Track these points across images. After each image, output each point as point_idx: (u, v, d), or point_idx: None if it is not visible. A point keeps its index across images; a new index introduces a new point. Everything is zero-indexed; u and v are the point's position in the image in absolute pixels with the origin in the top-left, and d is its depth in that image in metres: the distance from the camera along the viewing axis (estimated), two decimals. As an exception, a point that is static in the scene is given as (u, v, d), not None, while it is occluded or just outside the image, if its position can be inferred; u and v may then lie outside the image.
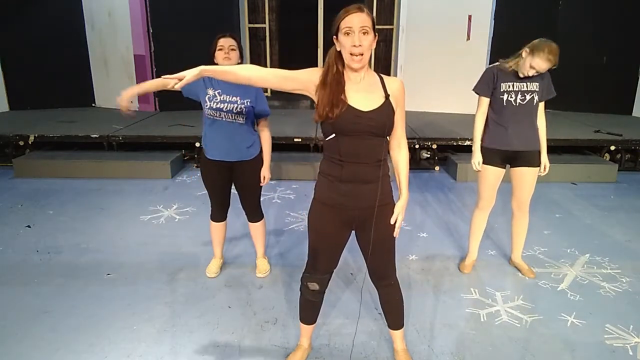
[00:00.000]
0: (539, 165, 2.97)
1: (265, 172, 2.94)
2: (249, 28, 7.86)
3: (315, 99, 1.85)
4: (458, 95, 7.24)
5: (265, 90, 5.89)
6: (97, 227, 3.97)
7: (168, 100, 7.24)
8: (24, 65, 7.13)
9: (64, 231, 3.87)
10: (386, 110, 1.83)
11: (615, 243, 3.77)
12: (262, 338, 2.51)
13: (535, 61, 2.68)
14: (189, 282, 3.08)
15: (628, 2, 6.98)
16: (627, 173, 5.71)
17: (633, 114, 7.35)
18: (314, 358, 2.36)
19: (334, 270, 2.12)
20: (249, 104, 2.75)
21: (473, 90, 3.00)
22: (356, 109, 1.79)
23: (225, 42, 2.74)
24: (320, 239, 2.01)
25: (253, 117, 2.84)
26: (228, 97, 2.73)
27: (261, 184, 2.97)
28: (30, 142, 5.68)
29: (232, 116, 2.75)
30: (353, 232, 2.05)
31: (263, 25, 7.87)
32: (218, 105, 2.72)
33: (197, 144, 5.71)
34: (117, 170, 5.37)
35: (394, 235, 1.99)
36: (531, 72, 2.73)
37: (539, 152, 2.96)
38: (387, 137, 1.89)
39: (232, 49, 2.75)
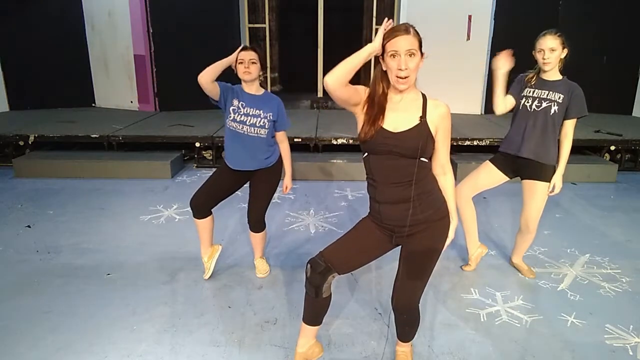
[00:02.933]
0: (549, 181, 2.85)
1: (287, 182, 3.02)
2: (249, 28, 7.86)
3: (359, 116, 1.86)
4: (458, 95, 7.25)
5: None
6: (97, 227, 3.97)
7: (168, 100, 7.25)
8: (24, 65, 7.13)
9: (64, 231, 3.87)
10: (418, 132, 1.78)
11: (615, 243, 3.77)
12: (262, 338, 2.51)
13: (539, 43, 2.72)
14: (189, 282, 3.08)
15: (628, 2, 6.98)
16: (627, 173, 5.71)
17: (633, 114, 7.35)
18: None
19: (337, 277, 2.04)
20: (271, 117, 2.79)
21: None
22: (386, 130, 1.79)
23: (246, 56, 2.72)
24: (355, 231, 2.02)
25: (273, 130, 2.87)
26: (251, 110, 2.76)
27: (283, 193, 3.05)
28: (30, 142, 5.68)
29: (254, 130, 2.77)
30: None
31: (263, 25, 7.87)
32: (241, 118, 2.75)
33: (197, 144, 5.71)
34: (117, 170, 5.37)
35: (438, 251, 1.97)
36: (547, 57, 2.69)
37: (553, 168, 2.84)
38: (423, 159, 1.83)
39: (253, 62, 2.72)
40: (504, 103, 2.88)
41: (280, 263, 3.36)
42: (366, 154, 1.88)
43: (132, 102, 7.41)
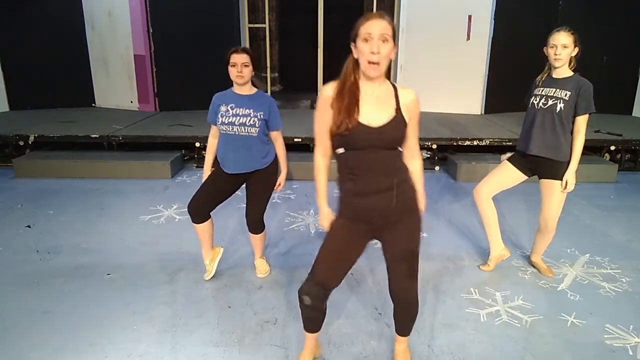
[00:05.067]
0: (553, 179, 2.88)
1: (282, 179, 2.98)
2: (249, 28, 7.86)
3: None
4: (458, 95, 7.26)
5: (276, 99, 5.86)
6: (97, 227, 3.97)
7: (168, 100, 7.25)
8: (24, 65, 7.13)
9: (64, 231, 3.87)
10: (397, 124, 1.80)
11: (615, 243, 3.77)
12: (262, 338, 2.51)
13: (552, 38, 2.72)
14: (189, 282, 3.08)
15: (628, 2, 6.98)
16: (627, 173, 5.71)
17: (633, 114, 7.35)
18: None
19: (332, 289, 2.02)
20: (262, 116, 2.77)
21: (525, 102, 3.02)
22: (366, 126, 1.77)
23: (238, 59, 2.69)
24: (330, 241, 1.98)
25: (265, 129, 2.84)
26: (241, 110, 2.74)
27: (276, 189, 2.99)
28: (30, 142, 5.68)
29: (245, 129, 2.75)
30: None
31: (263, 25, 7.87)
32: (230, 119, 2.74)
33: (197, 144, 5.71)
34: (117, 170, 5.37)
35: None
36: (559, 53, 2.70)
37: (567, 165, 2.85)
38: (400, 148, 1.87)
39: (245, 66, 2.71)
40: None
41: (280, 263, 3.36)
42: (342, 149, 1.84)
43: (132, 102, 7.41)
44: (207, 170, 2.96)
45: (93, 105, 7.70)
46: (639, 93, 7.28)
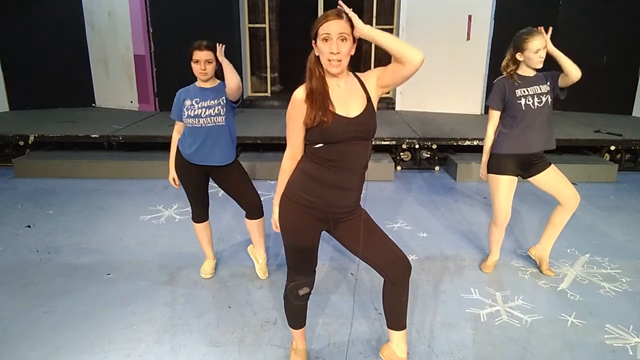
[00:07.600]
0: (550, 164, 2.97)
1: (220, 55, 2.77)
2: (249, 28, 7.86)
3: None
4: (458, 95, 7.26)
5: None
6: (97, 227, 3.97)
7: (168, 100, 7.24)
8: (24, 65, 7.13)
9: (64, 231, 3.87)
10: (370, 112, 1.84)
11: (615, 243, 3.77)
12: (262, 338, 2.51)
13: (534, 45, 2.73)
14: (189, 282, 3.08)
15: (628, 2, 6.98)
16: (627, 173, 5.71)
17: (633, 114, 7.34)
18: (314, 358, 2.36)
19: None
20: (224, 101, 2.79)
21: (487, 104, 3.02)
22: (344, 117, 1.79)
23: (201, 56, 2.69)
24: (301, 240, 1.99)
25: (232, 112, 2.86)
26: (205, 102, 2.77)
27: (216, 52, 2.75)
28: (30, 142, 5.68)
29: (211, 120, 2.77)
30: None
31: (263, 25, 7.87)
32: (196, 112, 2.76)
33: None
34: (117, 170, 5.37)
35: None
36: (542, 55, 2.75)
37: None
38: (372, 140, 1.92)
39: (209, 62, 2.72)
40: (494, 128, 3.01)
41: (280, 263, 3.36)
42: (320, 144, 1.84)
43: (132, 102, 7.41)
44: (172, 166, 3.02)
45: (93, 105, 7.70)
46: (639, 93, 7.28)
